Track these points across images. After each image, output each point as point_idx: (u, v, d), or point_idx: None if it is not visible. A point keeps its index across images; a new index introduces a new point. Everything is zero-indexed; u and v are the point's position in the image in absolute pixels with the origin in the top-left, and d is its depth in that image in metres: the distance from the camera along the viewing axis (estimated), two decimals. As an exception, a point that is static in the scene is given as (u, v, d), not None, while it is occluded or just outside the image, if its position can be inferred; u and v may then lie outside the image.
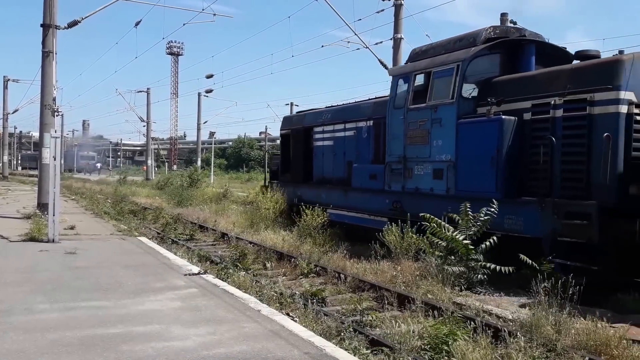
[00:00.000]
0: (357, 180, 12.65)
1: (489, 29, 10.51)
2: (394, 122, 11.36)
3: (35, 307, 6.10)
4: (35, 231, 11.63)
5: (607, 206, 7.51)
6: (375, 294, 7.98)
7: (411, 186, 10.81)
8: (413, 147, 10.82)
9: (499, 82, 9.89)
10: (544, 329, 5.80)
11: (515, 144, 8.93)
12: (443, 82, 10.23)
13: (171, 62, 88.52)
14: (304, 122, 15.93)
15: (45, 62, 15.41)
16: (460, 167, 9.69)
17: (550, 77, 9.00)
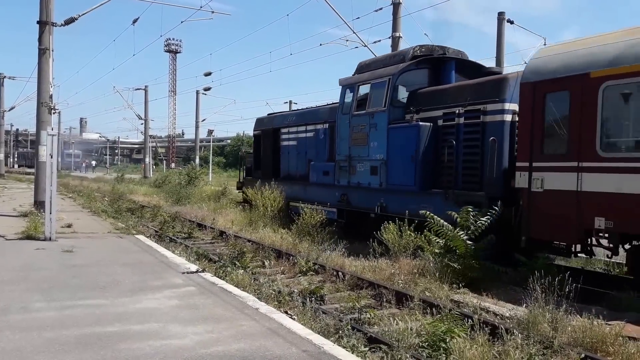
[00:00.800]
0: (314, 176, 14.49)
1: (416, 47, 12.33)
2: (342, 125, 13.18)
3: (31, 306, 6.08)
4: (32, 229, 11.60)
5: (494, 196, 9.21)
6: (373, 291, 7.99)
7: (355, 181, 12.67)
8: (356, 147, 12.63)
9: (421, 93, 11.71)
10: (541, 326, 5.82)
11: (430, 146, 10.80)
12: (378, 92, 11.98)
13: (169, 59, 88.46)
14: (273, 124, 17.61)
15: (41, 59, 15.33)
16: (390, 165, 11.50)
17: (457, 90, 10.85)
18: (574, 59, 8.23)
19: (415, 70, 12.09)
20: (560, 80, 8.25)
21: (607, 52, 7.76)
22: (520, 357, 5.04)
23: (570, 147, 8.05)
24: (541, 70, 8.64)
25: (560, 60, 8.45)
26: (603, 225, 7.47)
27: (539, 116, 8.52)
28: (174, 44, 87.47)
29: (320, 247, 10.77)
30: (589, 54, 8.08)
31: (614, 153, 7.59)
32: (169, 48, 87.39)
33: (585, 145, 7.80)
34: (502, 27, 20.01)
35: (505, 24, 20.11)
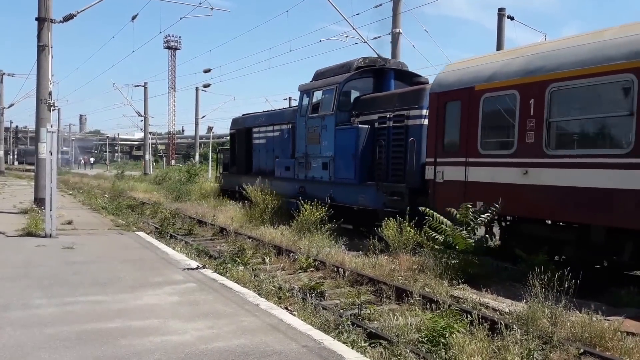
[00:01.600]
0: (278, 171, 16.26)
1: (360, 59, 13.99)
2: (300, 126, 14.98)
3: (32, 302, 6.10)
4: (32, 226, 11.61)
5: (413, 187, 11.07)
6: (373, 287, 8.01)
7: (310, 175, 14.51)
8: (311, 146, 14.45)
9: (362, 99, 13.59)
10: (540, 322, 5.84)
11: (367, 145, 12.56)
12: (328, 98, 13.81)
13: (169, 56, 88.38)
14: (246, 124, 19.41)
15: (40, 56, 15.28)
16: (336, 161, 13.37)
17: (389, 97, 12.74)
18: (466, 74, 9.89)
19: (360, 79, 13.92)
20: (455, 92, 9.94)
21: (488, 70, 9.48)
22: (519, 352, 5.06)
23: (461, 146, 9.76)
24: (443, 83, 10.32)
25: (457, 75, 10.12)
26: (482, 206, 8.98)
27: (442, 121, 10.21)
28: (174, 40, 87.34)
29: (321, 243, 10.78)
30: (476, 70, 9.74)
31: (488, 151, 9.31)
32: (168, 44, 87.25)
33: (470, 145, 9.53)
34: (503, 23, 19.98)
35: (505, 20, 20.07)
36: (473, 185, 9.40)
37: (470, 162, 9.50)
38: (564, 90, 8.14)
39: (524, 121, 8.61)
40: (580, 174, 7.79)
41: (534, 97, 8.45)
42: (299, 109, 15.36)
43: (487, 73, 9.45)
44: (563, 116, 8.31)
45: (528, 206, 8.57)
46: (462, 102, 9.71)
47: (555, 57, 8.42)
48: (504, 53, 9.84)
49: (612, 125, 7.73)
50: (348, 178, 12.95)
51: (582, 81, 7.85)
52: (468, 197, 9.27)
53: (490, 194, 8.93)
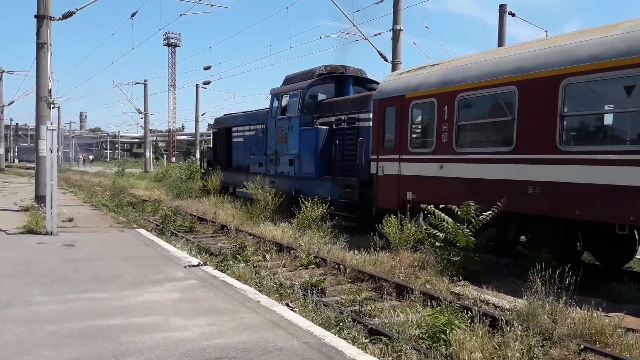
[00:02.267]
0: (253, 167, 18.05)
1: (322, 67, 15.74)
2: (270, 127, 16.84)
3: (33, 299, 6.11)
4: (33, 224, 11.62)
5: (362, 181, 12.68)
6: (374, 284, 8.02)
7: (279, 170, 16.35)
8: (280, 144, 16.29)
9: (324, 103, 15.41)
10: (541, 318, 5.84)
11: (326, 144, 14.31)
12: (294, 101, 15.54)
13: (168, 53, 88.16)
14: (226, 124, 21.23)
15: (39, 53, 15.25)
16: (300, 158, 15.12)
17: (344, 102, 14.56)
18: (400, 84, 11.44)
19: (322, 84, 15.67)
20: (391, 99, 11.45)
21: (416, 80, 11.00)
22: (520, 349, 5.06)
23: (395, 145, 11.27)
24: (383, 90, 11.93)
25: (394, 84, 11.70)
26: (411, 197, 10.71)
27: (382, 123, 11.74)
28: (173, 37, 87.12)
29: (321, 240, 10.79)
30: (407, 81, 11.29)
31: (416, 149, 10.89)
32: (168, 42, 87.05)
33: (402, 144, 11.10)
34: (504, 20, 19.93)
35: (506, 17, 20.02)
36: (405, 178, 11.07)
37: (402, 159, 11.15)
38: (468, 99, 9.71)
39: (440, 124, 10.11)
40: (478, 167, 9.34)
41: (447, 104, 9.96)
42: (270, 111, 17.14)
43: (415, 83, 10.99)
44: (466, 120, 9.80)
45: (444, 195, 9.90)
46: (397, 107, 11.28)
47: (464, 70, 9.92)
48: (431, 65, 11.21)
49: (501, 128, 9.19)
50: (310, 173, 14.74)
51: (481, 91, 9.41)
52: (401, 188, 11.07)
53: (417, 185, 10.70)
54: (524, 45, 9.25)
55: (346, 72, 15.88)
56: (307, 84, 15.37)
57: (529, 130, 8.47)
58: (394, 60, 17.48)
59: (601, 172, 7.43)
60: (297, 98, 15.43)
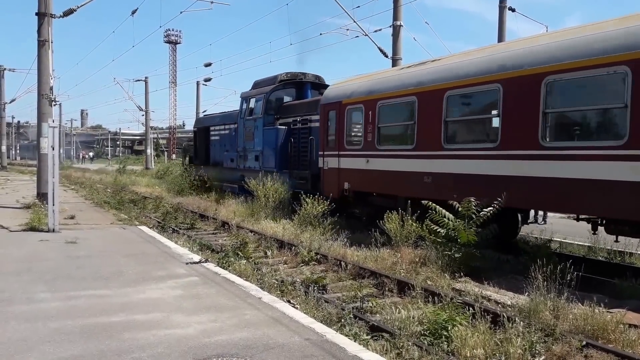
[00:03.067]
0: (226, 162, 20.31)
1: (284, 74, 17.91)
2: (240, 126, 19.02)
3: (36, 296, 6.13)
4: (35, 221, 11.64)
5: (314, 174, 14.64)
6: (375, 280, 8.02)
7: (247, 165, 18.46)
8: (247, 142, 18.43)
9: (285, 105, 17.62)
10: (543, 314, 5.84)
11: (285, 142, 16.37)
12: (259, 104, 17.78)
13: (169, 50, 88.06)
14: (205, 123, 23.71)
15: (41, 51, 15.26)
16: (264, 154, 17.25)
17: (300, 105, 16.83)
18: (339, 91, 13.60)
19: (283, 89, 17.90)
20: (332, 104, 13.58)
21: (351, 89, 13.14)
22: (522, 345, 5.06)
23: (336, 143, 13.39)
24: (327, 96, 14.06)
25: (335, 91, 13.86)
26: (348, 187, 12.86)
27: (326, 124, 13.82)
28: (174, 34, 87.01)
29: (322, 237, 10.80)
30: (344, 89, 13.45)
31: (350, 146, 12.89)
32: (168, 39, 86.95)
33: (341, 142, 13.18)
34: (504, 15, 19.85)
35: (506, 12, 19.94)
36: (343, 170, 13.16)
37: (341, 154, 13.24)
38: (386, 106, 11.79)
39: (367, 126, 12.23)
40: (393, 162, 11.46)
41: (371, 110, 12.03)
42: (239, 112, 19.37)
43: (350, 91, 13.06)
44: (384, 123, 11.92)
45: (370, 184, 12.24)
46: (336, 111, 13.38)
47: (385, 82, 12.11)
48: (364, 76, 13.48)
49: (406, 130, 11.22)
50: (271, 167, 16.64)
51: (394, 100, 11.55)
52: (340, 178, 13.19)
53: (352, 176, 12.84)
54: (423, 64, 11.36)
55: (305, 78, 18.15)
56: (269, 89, 17.66)
57: (426, 132, 10.52)
58: (394, 56, 17.46)
59: (474, 165, 9.43)
60: (262, 101, 17.68)
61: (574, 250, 10.87)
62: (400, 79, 11.49)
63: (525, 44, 9.08)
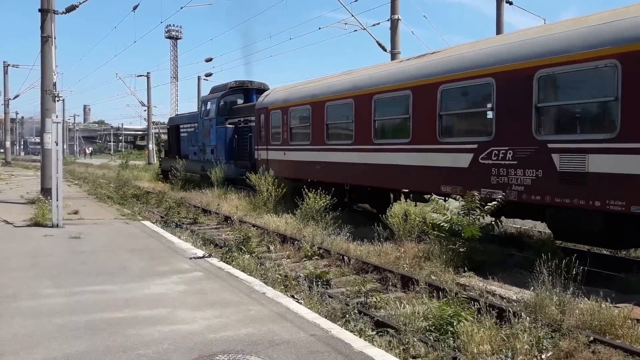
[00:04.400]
0: (191, 155, 24.23)
1: (233, 82, 21.89)
2: (200, 125, 23.05)
3: (41, 292, 6.13)
4: (40, 216, 11.65)
5: (252, 163, 17.81)
6: (379, 275, 7.99)
7: (206, 158, 22.20)
8: (205, 138, 22.39)
9: (233, 108, 21.51)
10: (549, 309, 5.79)
11: (232, 138, 20.42)
12: (213, 107, 21.81)
13: (170, 45, 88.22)
14: (176, 122, 27.64)
15: (44, 47, 15.25)
16: (217, 148, 21.12)
17: (244, 108, 20.63)
18: (268, 99, 16.98)
19: (232, 94, 21.91)
20: (263, 108, 16.98)
21: (274, 97, 16.63)
22: (528, 340, 5.04)
23: (265, 139, 16.79)
24: (260, 102, 17.58)
25: (266, 98, 17.27)
26: (272, 173, 15.55)
27: (259, 125, 17.29)
28: (175, 30, 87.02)
29: (325, 231, 10.77)
30: (271, 97, 16.93)
31: (274, 142, 16.22)
32: (169, 34, 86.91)
33: (268, 138, 16.59)
34: (501, 8, 19.65)
35: (504, 5, 19.74)
36: (270, 160, 16.48)
37: (268, 148, 16.62)
38: (294, 111, 15.31)
39: (283, 127, 15.80)
40: (300, 154, 14.90)
41: (286, 114, 15.61)
42: (199, 113, 23.58)
43: (273, 99, 16.71)
44: (293, 124, 15.36)
45: (286, 171, 15.57)
46: (265, 114, 16.82)
47: (295, 93, 15.54)
48: (289, 86, 16.90)
49: (305, 130, 14.76)
50: (222, 159, 20.37)
51: (299, 107, 14.98)
52: (268, 167, 16.28)
53: (275, 165, 16.17)
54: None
55: (251, 85, 21.87)
56: (220, 94, 21.78)
57: (317, 133, 14.06)
58: (392, 50, 17.39)
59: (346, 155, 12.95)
60: (215, 104, 21.59)
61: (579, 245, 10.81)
62: (302, 91, 15.17)
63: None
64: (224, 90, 21.77)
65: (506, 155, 8.75)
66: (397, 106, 11.40)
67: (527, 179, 8.39)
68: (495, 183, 8.86)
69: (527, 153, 8.41)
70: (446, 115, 10.17)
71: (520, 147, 8.51)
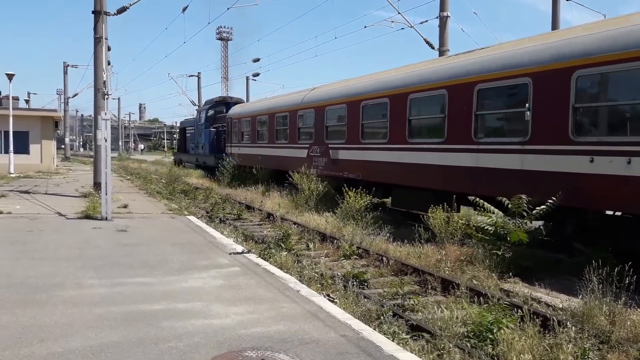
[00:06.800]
0: (191, 151, 33.91)
1: (218, 97, 31.67)
2: (196, 128, 32.66)
3: (84, 282, 6.33)
4: (90, 209, 12.10)
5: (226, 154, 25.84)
6: (418, 278, 7.80)
7: (199, 152, 31.46)
8: (198, 138, 31.70)
9: (218, 117, 29.74)
10: (597, 319, 5.48)
11: (214, 138, 29.27)
12: (203, 115, 30.87)
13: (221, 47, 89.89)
14: (184, 125, 38.25)
15: (97, 47, 15.85)
16: (205, 145, 30.21)
17: (223, 117, 28.37)
18: (235, 111, 25.83)
19: (217, 107, 30.25)
20: (231, 118, 25.55)
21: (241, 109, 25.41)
22: (573, 351, 4.76)
23: (234, 139, 24.94)
24: (229, 113, 26.22)
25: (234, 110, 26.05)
26: (235, 162, 23.97)
27: (231, 129, 25.57)
28: (225, 31, 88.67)
29: (365, 231, 10.64)
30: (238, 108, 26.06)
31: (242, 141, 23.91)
32: (220, 35, 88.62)
33: (232, 138, 25.29)
34: (558, 4, 18.81)
35: (560, 1, 18.89)
36: (233, 153, 24.41)
37: (232, 145, 24.94)
38: (243, 122, 23.84)
39: (240, 130, 24.01)
40: (264, 149, 20.92)
41: (239, 122, 24.03)
42: (196, 119, 33.04)
43: (240, 110, 24.91)
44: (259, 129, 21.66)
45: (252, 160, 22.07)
46: (230, 122, 25.21)
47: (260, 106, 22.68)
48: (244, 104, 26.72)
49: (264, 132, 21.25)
50: (208, 153, 29.45)
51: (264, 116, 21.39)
52: (233, 157, 24.21)
53: (235, 156, 24.05)
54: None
55: (231, 100, 30.07)
56: (207, 107, 31.24)
57: (260, 136, 21.56)
58: (440, 48, 16.99)
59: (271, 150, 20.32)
60: (205, 113, 30.70)
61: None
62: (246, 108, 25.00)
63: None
64: (212, 103, 31.23)
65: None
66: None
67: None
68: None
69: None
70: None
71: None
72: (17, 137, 27.32)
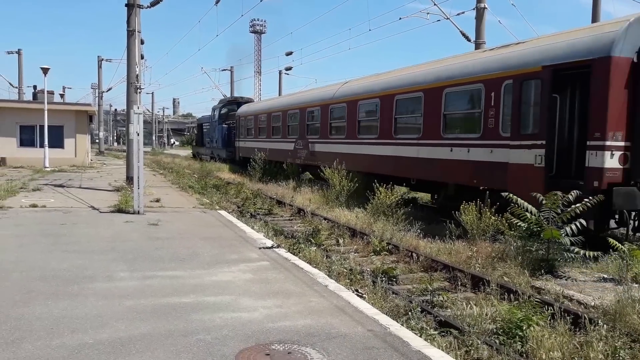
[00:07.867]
0: (207, 144, 39.96)
1: (230, 97, 39.03)
2: (211, 124, 38.30)
3: (115, 275, 6.49)
4: (123, 203, 12.38)
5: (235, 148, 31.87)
6: (448, 274, 7.72)
7: (213, 146, 37.52)
8: (212, 133, 37.75)
9: (230, 114, 34.36)
10: (630, 318, 5.33)
11: (226, 134, 34.55)
12: (217, 113, 36.45)
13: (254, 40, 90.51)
14: (201, 121, 44.54)
15: (130, 40, 16.06)
16: (219, 140, 35.81)
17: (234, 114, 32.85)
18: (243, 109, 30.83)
19: (229, 105, 34.87)
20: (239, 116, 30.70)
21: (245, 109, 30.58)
22: (604, 350, 4.64)
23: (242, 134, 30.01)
24: (238, 112, 31.11)
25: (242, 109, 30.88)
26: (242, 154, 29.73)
27: (239, 125, 30.61)
28: (259, 24, 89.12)
29: (395, 227, 10.58)
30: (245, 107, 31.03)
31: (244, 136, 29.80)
32: (254, 29, 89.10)
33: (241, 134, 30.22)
34: (598, -3, 18.16)
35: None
36: (241, 148, 29.83)
37: (240, 140, 30.20)
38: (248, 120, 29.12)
39: (247, 126, 28.87)
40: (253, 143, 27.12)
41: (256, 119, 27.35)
42: (211, 116, 37.76)
43: (244, 110, 30.22)
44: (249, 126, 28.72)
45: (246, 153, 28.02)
46: (239, 120, 30.52)
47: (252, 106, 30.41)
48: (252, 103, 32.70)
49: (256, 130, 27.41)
50: (220, 146, 34.54)
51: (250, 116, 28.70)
52: (240, 152, 29.88)
53: (242, 150, 29.46)
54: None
55: (242, 100, 34.45)
56: (220, 105, 35.64)
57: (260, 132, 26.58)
58: (477, 40, 16.70)
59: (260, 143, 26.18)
60: (218, 111, 35.28)
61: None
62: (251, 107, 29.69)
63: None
64: (224, 102, 35.92)
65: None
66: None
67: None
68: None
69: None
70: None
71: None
72: (52, 131, 28.09)
